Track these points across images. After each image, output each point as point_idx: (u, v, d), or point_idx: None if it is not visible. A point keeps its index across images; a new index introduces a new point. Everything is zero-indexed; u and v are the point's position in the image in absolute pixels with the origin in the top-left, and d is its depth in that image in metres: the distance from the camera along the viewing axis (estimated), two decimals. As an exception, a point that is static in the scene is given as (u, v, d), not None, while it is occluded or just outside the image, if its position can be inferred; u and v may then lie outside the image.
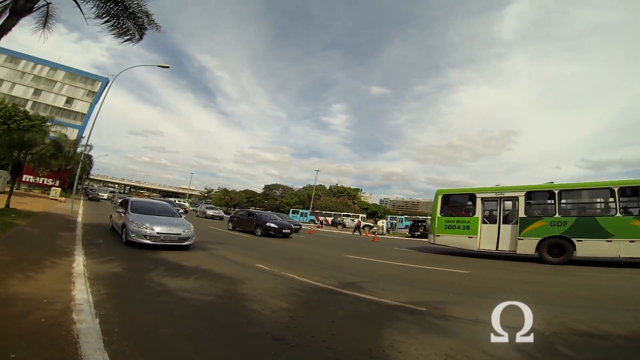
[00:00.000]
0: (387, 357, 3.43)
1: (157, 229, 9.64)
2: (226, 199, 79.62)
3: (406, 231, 32.31)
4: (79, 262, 6.61)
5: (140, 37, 10.61)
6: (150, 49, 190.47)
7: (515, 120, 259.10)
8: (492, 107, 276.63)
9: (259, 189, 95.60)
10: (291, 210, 61.22)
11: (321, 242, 18.28)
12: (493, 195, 13.27)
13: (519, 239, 12.18)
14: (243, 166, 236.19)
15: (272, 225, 18.31)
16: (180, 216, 12.12)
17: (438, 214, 14.49)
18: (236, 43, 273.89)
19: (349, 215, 49.70)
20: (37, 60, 62.02)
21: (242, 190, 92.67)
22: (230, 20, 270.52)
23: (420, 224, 29.76)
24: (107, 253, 8.26)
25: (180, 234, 9.95)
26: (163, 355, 3.16)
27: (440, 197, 14.62)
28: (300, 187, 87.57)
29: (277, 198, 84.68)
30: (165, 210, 11.83)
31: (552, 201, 11.95)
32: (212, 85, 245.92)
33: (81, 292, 4.65)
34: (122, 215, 10.67)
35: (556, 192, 11.91)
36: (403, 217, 54.17)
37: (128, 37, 10.32)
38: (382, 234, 30.84)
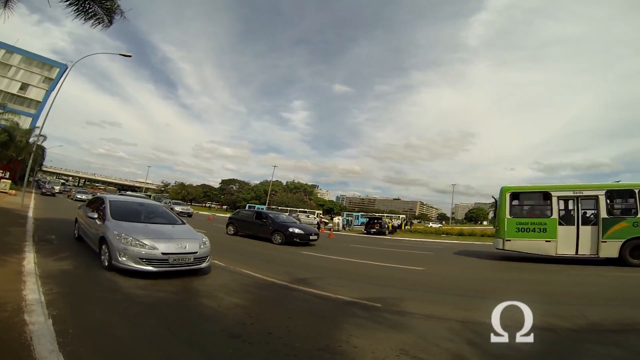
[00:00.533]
0: (344, 352, 3.54)
1: (162, 247, 6.28)
2: (183, 193, 78.00)
3: (362, 228, 32.95)
4: (30, 260, 6.33)
5: (110, 23, 10.13)
6: (113, 36, 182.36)
7: (473, 123, 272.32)
8: (452, 109, 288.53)
9: (215, 183, 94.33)
10: (247, 205, 60.79)
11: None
12: (571, 194, 12.08)
13: (602, 242, 11.17)
14: (201, 160, 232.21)
15: (297, 231, 14.90)
16: (184, 222, 8.26)
17: (507, 215, 12.51)
18: (202, 35, 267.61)
19: (304, 212, 50.21)
20: None
21: (199, 184, 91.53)
22: (198, 11, 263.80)
23: (376, 221, 30.47)
24: (59, 250, 7.90)
25: (196, 252, 6.68)
26: (120, 355, 3.16)
27: (508, 195, 12.72)
28: (258, 182, 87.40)
29: (233, 193, 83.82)
30: (160, 214, 8.31)
31: (634, 200, 11.16)
32: (174, 76, 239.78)
33: (32, 292, 4.50)
34: (98, 222, 7.30)
35: (636, 191, 11.14)
36: (359, 214, 55.15)
37: (97, 21, 9.82)
38: (338, 231, 31.29)
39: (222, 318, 4.51)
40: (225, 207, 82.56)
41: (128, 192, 61.62)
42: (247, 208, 57.72)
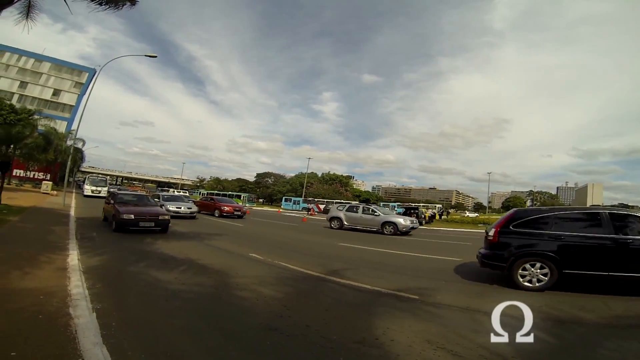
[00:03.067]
0: (380, 345, 3.49)
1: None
2: (218, 187, 79.45)
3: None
4: (74, 257, 6.61)
5: (133, 3, 10.18)
6: (137, 39, 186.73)
7: (506, 108, 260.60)
8: (483, 95, 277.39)
9: (251, 177, 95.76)
10: (284, 198, 61.39)
11: (311, 230, 18.28)
12: None
13: None
14: (235, 155, 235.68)
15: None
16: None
17: None
18: (224, 32, 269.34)
19: (341, 203, 49.93)
20: (22, 52, 60.41)
21: (235, 178, 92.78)
22: (218, 9, 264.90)
23: (412, 211, 29.99)
24: (100, 247, 8.26)
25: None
26: (161, 348, 3.21)
27: None
28: (293, 175, 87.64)
29: (269, 186, 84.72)
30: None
31: None
32: (201, 74, 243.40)
33: (77, 287, 4.68)
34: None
35: None
36: (395, 204, 54.50)
37: (120, 4, 9.88)
38: None
39: (260, 311, 4.50)
40: (261, 200, 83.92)
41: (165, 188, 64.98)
42: (284, 201, 58.55)
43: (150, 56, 20.91)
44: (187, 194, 45.50)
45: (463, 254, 11.02)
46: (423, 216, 29.91)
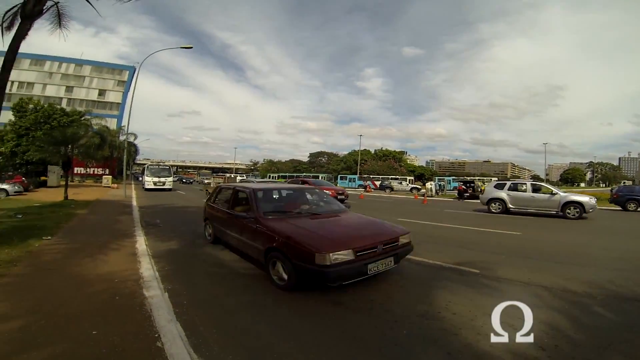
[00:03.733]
0: (443, 318, 3.50)
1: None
2: (272, 169, 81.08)
3: (455, 193, 31.36)
4: (141, 243, 6.98)
5: None
6: (169, 33, 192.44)
7: (559, 74, 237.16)
8: (532, 61, 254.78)
9: (304, 157, 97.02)
10: (339, 176, 61.71)
11: (371, 207, 18.03)
12: None
13: None
14: (285, 136, 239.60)
15: None
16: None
17: None
18: (253, 16, 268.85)
19: (396, 179, 49.22)
20: (62, 59, 64.14)
21: (288, 160, 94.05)
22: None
23: (468, 185, 28.70)
24: (165, 232, 8.62)
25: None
26: (231, 324, 3.32)
27: None
28: (345, 152, 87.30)
29: (323, 165, 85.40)
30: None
31: None
32: (239, 60, 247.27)
33: (148, 270, 4.95)
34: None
35: None
36: (450, 178, 52.55)
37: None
38: (431, 196, 29.88)
39: (323, 287, 4.41)
40: None
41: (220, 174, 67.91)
42: (339, 179, 58.80)
43: (185, 47, 21.27)
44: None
45: (522, 228, 10.41)
46: (479, 189, 28.62)
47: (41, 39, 9.21)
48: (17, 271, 4.75)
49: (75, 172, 42.94)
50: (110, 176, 34.56)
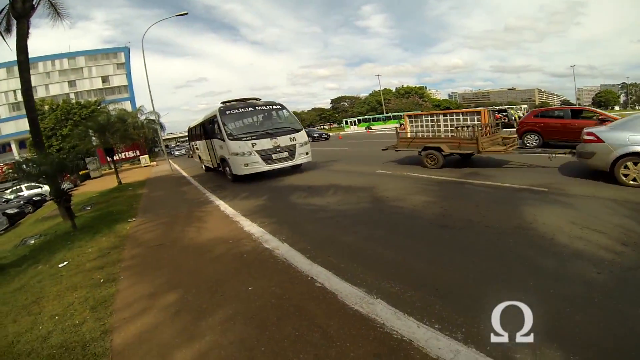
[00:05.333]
0: (536, 228, 3.94)
1: None
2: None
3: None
4: (225, 206, 7.31)
5: None
6: (147, 7, 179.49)
7: None
8: None
9: (325, 104, 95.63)
10: (367, 117, 58.65)
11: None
12: None
13: None
14: (300, 87, 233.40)
15: None
16: None
17: None
18: None
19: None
20: (53, 57, 62.50)
21: (310, 109, 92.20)
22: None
23: (502, 113, 27.58)
24: (236, 192, 8.89)
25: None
26: (363, 256, 3.67)
27: None
28: (365, 94, 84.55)
29: (347, 109, 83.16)
30: None
31: None
32: (228, 19, 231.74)
33: (251, 227, 5.32)
34: None
35: None
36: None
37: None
38: None
39: (423, 214, 4.93)
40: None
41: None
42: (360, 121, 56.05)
43: (181, 15, 20.68)
44: None
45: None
46: (514, 118, 27.20)
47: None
48: (131, 254, 4.93)
49: (109, 159, 44.46)
50: (147, 155, 35.62)
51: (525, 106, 47.76)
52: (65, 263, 4.91)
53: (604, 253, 3.12)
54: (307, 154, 10.81)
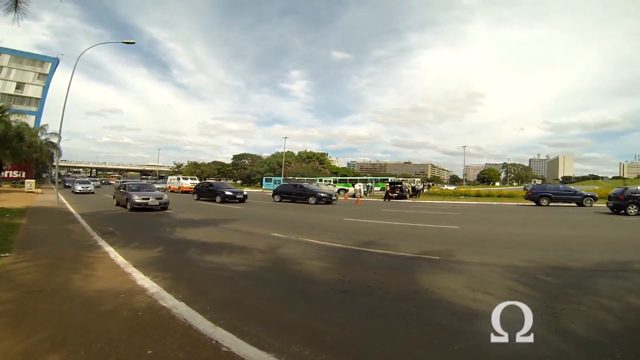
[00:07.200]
0: (433, 292, 4.48)
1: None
2: (197, 172, 78.44)
3: (382, 193, 33.18)
4: (114, 253, 6.72)
5: None
6: (95, 24, 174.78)
7: (478, 83, 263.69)
8: (455, 70, 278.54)
9: (225, 159, 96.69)
10: (264, 178, 60.95)
11: (316, 209, 18.90)
12: None
13: None
14: (207, 137, 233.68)
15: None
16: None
17: None
18: (186, 12, 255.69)
19: (328, 181, 49.67)
20: None
21: (211, 162, 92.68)
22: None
23: (396, 185, 30.96)
24: (128, 239, 8.38)
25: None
26: (267, 319, 3.66)
27: None
28: (268, 154, 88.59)
29: (246, 167, 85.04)
30: None
31: None
32: (166, 58, 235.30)
33: (145, 281, 4.89)
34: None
35: None
36: (374, 179, 54.91)
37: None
38: (362, 197, 31.44)
39: (322, 279, 5.22)
40: (239, 181, 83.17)
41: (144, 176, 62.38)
42: (264, 181, 57.65)
43: (128, 42, 19.83)
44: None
45: (459, 222, 12.02)
46: (407, 190, 30.82)
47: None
48: (1, 299, 4.08)
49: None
50: (33, 180, 30.82)
51: (419, 179, 53.79)
52: None
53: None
54: None
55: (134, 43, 20.14)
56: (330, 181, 48.84)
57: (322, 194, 21.82)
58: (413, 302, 4.14)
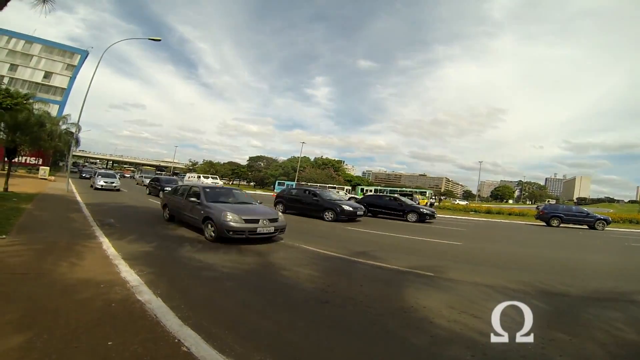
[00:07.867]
0: (417, 310, 4.29)
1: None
2: (211, 171, 79.25)
3: None
4: (107, 244, 6.75)
5: None
6: (127, 20, 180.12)
7: (501, 99, 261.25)
8: (478, 84, 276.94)
9: (242, 160, 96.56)
10: (277, 182, 61.29)
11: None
12: None
13: None
14: (226, 138, 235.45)
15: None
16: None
17: None
18: (218, 13, 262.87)
19: (334, 187, 49.87)
20: (11, 34, 57.75)
21: (227, 162, 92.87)
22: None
23: (407, 197, 30.46)
24: (124, 233, 8.36)
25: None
26: (238, 323, 3.57)
27: None
28: (284, 158, 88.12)
29: (261, 170, 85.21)
30: None
31: None
32: (194, 56, 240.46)
33: (129, 274, 4.89)
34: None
35: None
36: (387, 189, 54.57)
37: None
38: None
39: (306, 288, 5.06)
40: (253, 184, 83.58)
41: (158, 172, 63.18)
42: (277, 184, 57.94)
43: (154, 40, 20.36)
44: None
45: (462, 238, 11.74)
46: (417, 202, 30.30)
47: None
48: None
49: (6, 159, 38.46)
50: (48, 168, 31.60)
51: (431, 191, 53.41)
52: None
53: (479, 337, 3.45)
54: None
55: (159, 40, 20.65)
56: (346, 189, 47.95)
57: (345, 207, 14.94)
58: (393, 320, 3.96)
